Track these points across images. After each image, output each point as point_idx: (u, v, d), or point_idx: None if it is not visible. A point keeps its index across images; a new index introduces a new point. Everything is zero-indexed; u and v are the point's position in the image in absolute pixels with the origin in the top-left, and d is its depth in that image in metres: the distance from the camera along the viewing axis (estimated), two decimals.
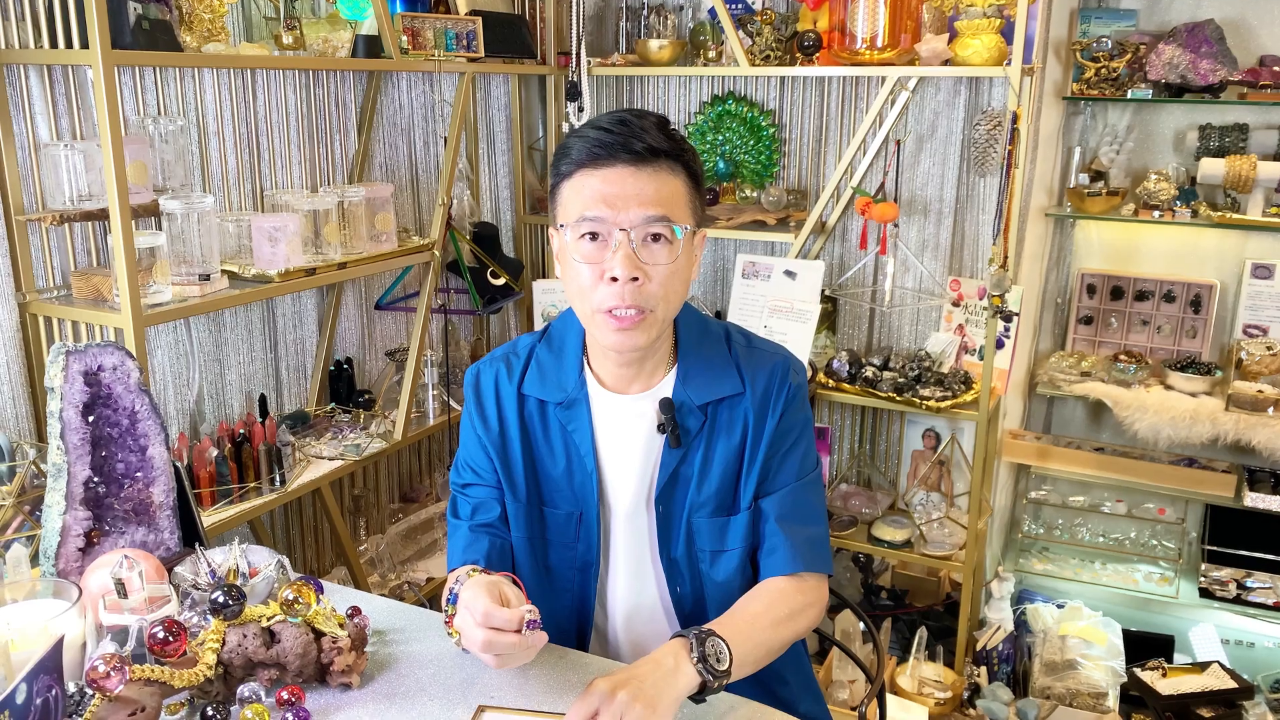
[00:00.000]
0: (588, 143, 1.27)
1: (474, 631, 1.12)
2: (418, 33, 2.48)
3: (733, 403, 1.39)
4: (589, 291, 1.29)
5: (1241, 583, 2.94)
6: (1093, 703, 2.75)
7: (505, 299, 2.91)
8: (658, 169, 1.26)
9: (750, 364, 1.40)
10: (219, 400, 2.36)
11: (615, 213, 1.25)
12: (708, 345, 1.41)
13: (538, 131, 3.27)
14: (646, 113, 1.30)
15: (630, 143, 1.25)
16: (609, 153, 1.25)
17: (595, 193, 1.26)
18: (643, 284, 1.26)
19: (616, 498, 1.40)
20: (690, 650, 1.16)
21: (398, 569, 2.70)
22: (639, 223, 1.25)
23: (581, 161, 1.27)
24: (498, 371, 1.44)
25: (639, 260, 1.26)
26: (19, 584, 1.21)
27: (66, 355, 1.32)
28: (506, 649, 1.12)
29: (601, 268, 1.27)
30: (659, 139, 1.27)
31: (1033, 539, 3.27)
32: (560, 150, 1.31)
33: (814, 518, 1.41)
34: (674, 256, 1.28)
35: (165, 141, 2.03)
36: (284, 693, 1.14)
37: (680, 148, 1.29)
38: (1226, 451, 2.98)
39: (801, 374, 1.43)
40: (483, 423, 1.43)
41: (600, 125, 1.27)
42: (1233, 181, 2.84)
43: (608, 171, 1.26)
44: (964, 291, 2.87)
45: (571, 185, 1.29)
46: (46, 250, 1.96)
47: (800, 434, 1.41)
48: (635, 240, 1.26)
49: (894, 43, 2.68)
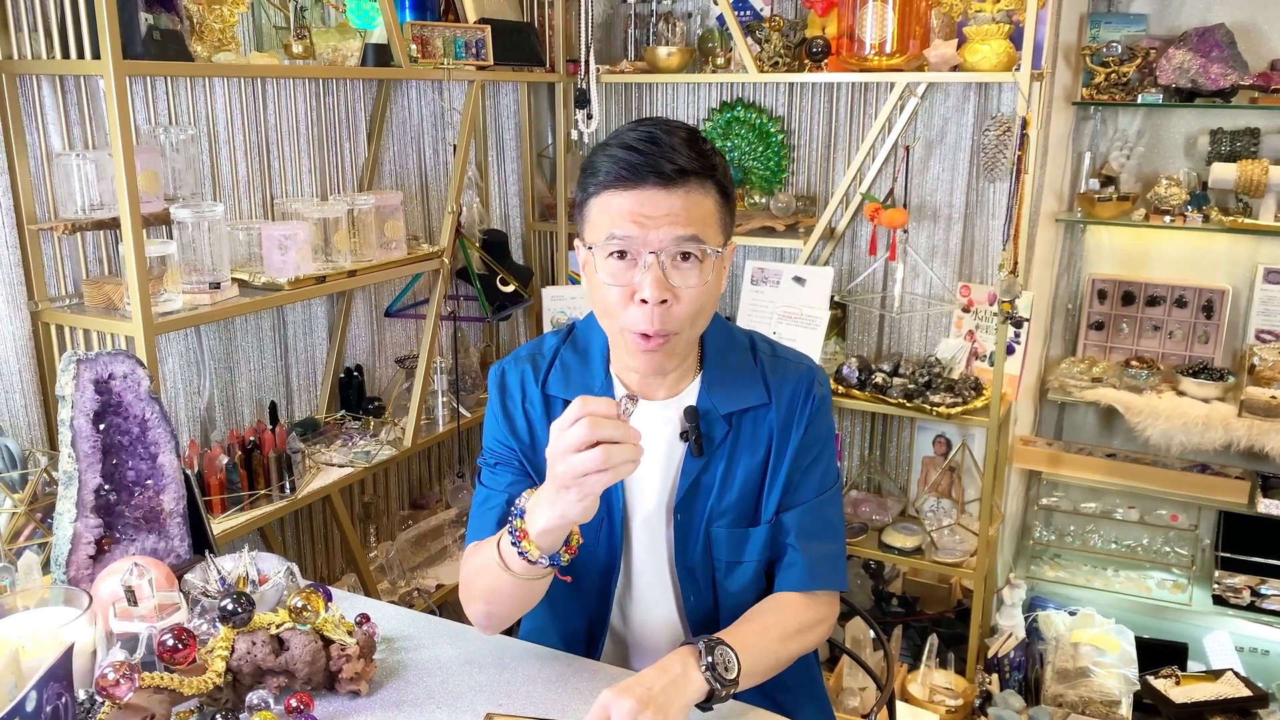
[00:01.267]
0: (616, 163, 1.23)
1: (572, 434, 1.06)
2: (427, 41, 2.48)
3: (758, 414, 1.38)
4: (617, 311, 1.27)
5: (1256, 590, 2.92)
6: (1105, 711, 2.74)
7: (514, 306, 2.91)
8: (688, 189, 1.23)
9: (776, 375, 1.39)
10: (229, 408, 2.37)
11: (645, 232, 1.22)
12: (733, 354, 1.41)
13: (547, 139, 3.28)
14: (675, 126, 1.26)
15: (660, 164, 1.21)
16: (637, 175, 1.21)
17: (624, 211, 1.22)
18: (671, 305, 1.24)
19: (637, 503, 1.40)
20: (699, 658, 1.16)
21: (407, 576, 2.70)
22: (669, 243, 1.22)
23: (609, 183, 1.24)
24: (523, 372, 1.43)
25: (669, 282, 1.23)
26: (30, 591, 1.22)
27: (78, 363, 1.33)
28: (614, 433, 1.07)
29: (630, 288, 1.24)
30: (689, 158, 1.22)
31: (1044, 545, 3.25)
32: (588, 166, 1.28)
33: (832, 534, 1.40)
34: (705, 277, 1.25)
35: (176, 150, 2.04)
36: (293, 700, 1.14)
37: (710, 163, 1.25)
38: (1239, 457, 2.96)
39: (826, 385, 1.43)
40: (507, 422, 1.42)
41: (628, 143, 1.23)
42: (1244, 186, 2.83)
43: (637, 193, 1.22)
44: (974, 297, 2.87)
45: (599, 204, 1.25)
46: (58, 259, 1.97)
47: (824, 448, 1.40)
48: (665, 261, 1.23)
49: (902, 49, 2.68)
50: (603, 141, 1.28)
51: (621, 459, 1.07)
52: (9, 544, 1.45)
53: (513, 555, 1.18)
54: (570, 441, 1.07)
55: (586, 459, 1.07)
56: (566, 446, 1.08)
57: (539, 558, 1.16)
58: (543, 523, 1.14)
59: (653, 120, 1.28)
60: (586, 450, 1.07)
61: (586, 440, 1.07)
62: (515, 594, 1.25)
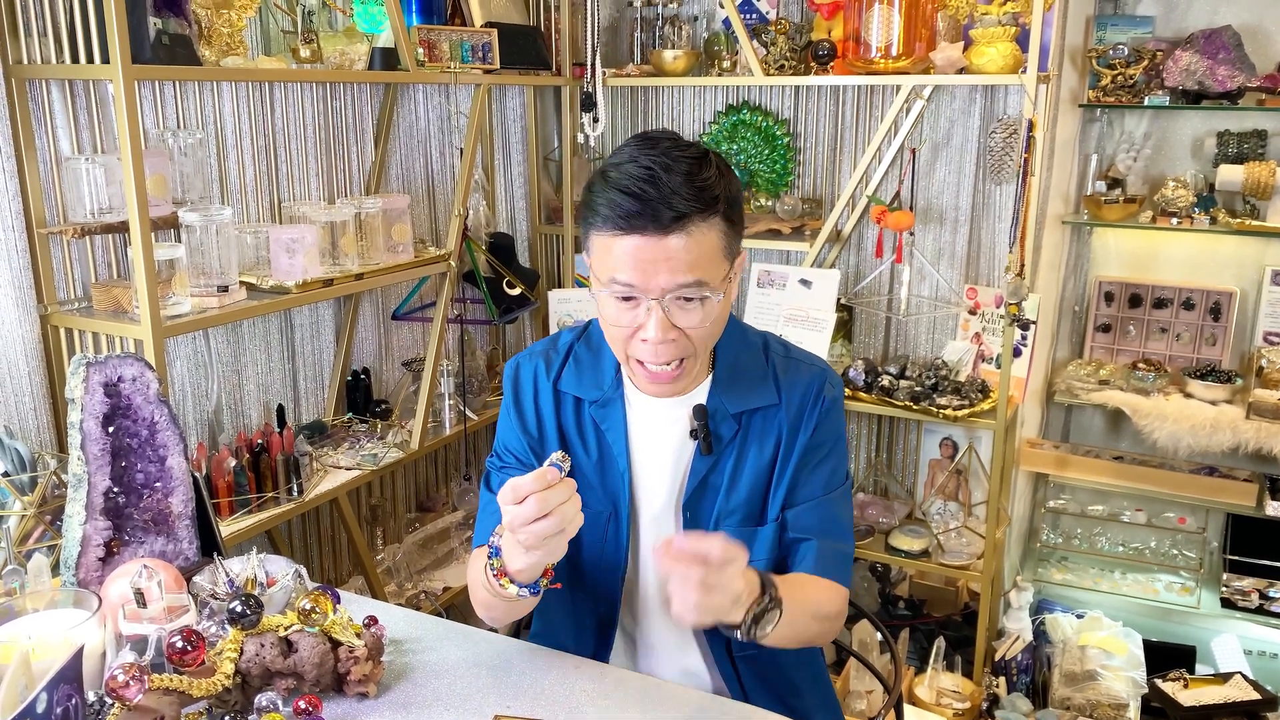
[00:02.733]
0: (613, 209, 1.20)
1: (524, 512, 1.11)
2: (434, 45, 2.49)
3: (767, 413, 1.38)
4: (622, 342, 1.28)
5: (1264, 593, 2.91)
6: (1113, 714, 2.73)
7: (521, 309, 2.92)
8: (689, 230, 1.20)
9: (787, 375, 1.39)
10: (237, 410, 2.37)
11: (646, 279, 1.21)
12: (746, 354, 1.41)
13: (553, 142, 3.29)
14: (677, 158, 1.21)
15: (658, 212, 1.18)
16: (634, 224, 1.19)
17: (624, 257, 1.21)
18: (679, 340, 1.25)
19: (646, 501, 1.40)
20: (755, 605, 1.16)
21: (414, 578, 2.71)
22: (670, 288, 1.21)
23: (607, 228, 1.22)
24: (537, 367, 1.44)
25: (672, 323, 1.24)
26: (40, 593, 1.22)
27: (87, 367, 1.33)
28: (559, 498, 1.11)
29: (635, 327, 1.25)
30: (687, 200, 1.19)
31: (1051, 548, 3.24)
32: (586, 201, 1.26)
33: (840, 532, 1.39)
34: (709, 314, 1.25)
35: (184, 154, 2.05)
36: (301, 702, 1.14)
37: (712, 196, 1.21)
38: (1247, 460, 2.95)
39: (838, 387, 1.42)
40: (519, 417, 1.44)
41: (626, 187, 1.19)
42: (1252, 188, 2.82)
43: (635, 239, 1.20)
44: (980, 300, 2.86)
45: (600, 243, 1.24)
46: (68, 262, 1.98)
47: (832, 448, 1.40)
48: (668, 304, 1.23)
49: (908, 51, 2.68)
50: (604, 168, 1.25)
51: (572, 516, 1.13)
52: (19, 546, 1.45)
53: (495, 586, 1.22)
54: (525, 516, 1.11)
55: (544, 526, 1.11)
56: (522, 521, 1.12)
57: (519, 592, 1.21)
58: (518, 565, 1.18)
59: (656, 145, 1.23)
60: (540, 521, 1.11)
61: (538, 514, 1.11)
62: (510, 609, 1.31)
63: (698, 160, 1.23)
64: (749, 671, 1.43)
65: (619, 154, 1.25)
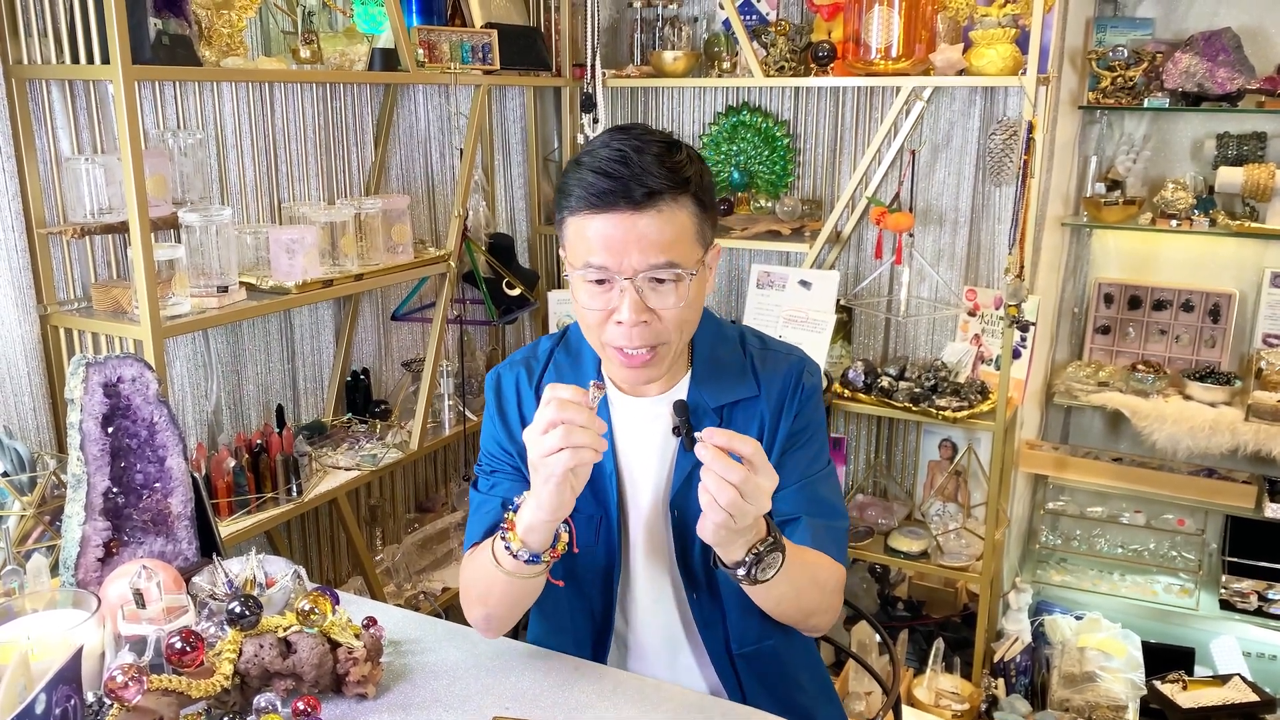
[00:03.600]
0: (586, 188, 1.22)
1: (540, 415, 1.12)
2: (434, 46, 2.49)
3: (748, 405, 1.38)
4: (597, 328, 1.29)
5: (1263, 594, 2.91)
6: (1112, 716, 2.73)
7: (521, 309, 2.92)
8: (660, 209, 1.22)
9: (766, 366, 1.40)
10: (237, 411, 2.37)
11: (618, 260, 1.22)
12: (723, 347, 1.41)
13: (553, 143, 3.29)
14: (648, 142, 1.24)
15: (630, 189, 1.20)
16: (606, 201, 1.21)
17: (597, 238, 1.22)
18: (652, 323, 1.26)
19: (635, 501, 1.40)
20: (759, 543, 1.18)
21: (413, 579, 2.71)
22: (643, 268, 1.22)
23: (580, 208, 1.23)
24: (518, 375, 1.44)
25: (646, 305, 1.24)
26: (39, 594, 1.22)
27: (86, 367, 1.33)
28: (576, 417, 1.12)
29: (609, 310, 1.26)
30: (659, 178, 1.21)
31: (1050, 550, 3.24)
32: (561, 186, 1.28)
33: (829, 510, 1.39)
34: (683, 296, 1.26)
35: (184, 155, 2.05)
36: (300, 703, 1.14)
37: (683, 177, 1.24)
38: (1246, 462, 2.95)
39: (816, 375, 1.43)
40: (504, 426, 1.43)
41: (599, 167, 1.22)
42: (1251, 190, 2.83)
43: (608, 216, 1.22)
44: (980, 301, 2.86)
45: (574, 226, 1.26)
46: (67, 263, 1.98)
47: (813, 435, 1.40)
48: (641, 285, 1.24)
49: (908, 53, 2.68)
50: (577, 156, 1.28)
51: (581, 441, 1.12)
52: (18, 547, 1.45)
53: (501, 549, 1.22)
54: (538, 424, 1.13)
55: (549, 438, 1.12)
56: (535, 429, 1.14)
57: (520, 549, 1.20)
58: (528, 515, 1.18)
59: (628, 132, 1.26)
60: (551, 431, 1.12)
61: (553, 421, 1.12)
62: (509, 592, 1.28)
63: (668, 145, 1.26)
64: (748, 671, 1.43)
65: (592, 143, 1.28)
